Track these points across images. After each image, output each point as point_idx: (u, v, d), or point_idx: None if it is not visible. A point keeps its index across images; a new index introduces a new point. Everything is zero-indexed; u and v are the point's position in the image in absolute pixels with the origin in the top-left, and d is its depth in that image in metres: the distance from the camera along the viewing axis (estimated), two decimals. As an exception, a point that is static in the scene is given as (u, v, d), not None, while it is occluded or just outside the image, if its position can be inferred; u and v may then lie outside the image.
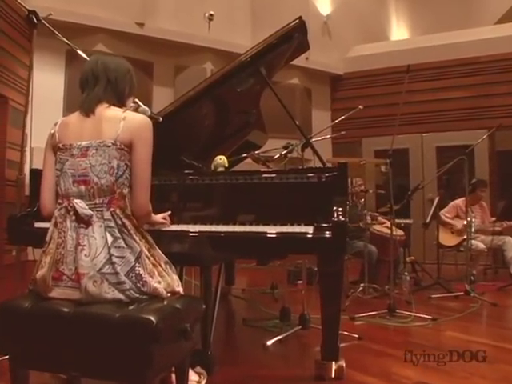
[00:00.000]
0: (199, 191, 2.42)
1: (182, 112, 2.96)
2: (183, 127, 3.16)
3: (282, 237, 2.07)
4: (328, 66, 8.83)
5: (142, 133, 1.87)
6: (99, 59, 1.97)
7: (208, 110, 3.39)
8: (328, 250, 2.04)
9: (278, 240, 2.08)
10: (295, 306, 3.82)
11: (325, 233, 2.02)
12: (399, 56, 8.18)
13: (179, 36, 7.36)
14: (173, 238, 2.24)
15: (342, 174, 2.20)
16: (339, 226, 2.01)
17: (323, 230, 2.03)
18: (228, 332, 3.87)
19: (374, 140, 8.30)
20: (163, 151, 2.89)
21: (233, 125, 3.72)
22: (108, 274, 1.74)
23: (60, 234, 1.81)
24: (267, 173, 2.34)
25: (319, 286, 2.42)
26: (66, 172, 1.85)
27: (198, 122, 3.41)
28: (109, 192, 1.82)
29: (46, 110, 3.96)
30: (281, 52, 3.10)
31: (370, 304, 4.55)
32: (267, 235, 2.10)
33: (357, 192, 4.80)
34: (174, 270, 2.08)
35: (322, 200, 2.16)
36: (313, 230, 2.04)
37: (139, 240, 1.84)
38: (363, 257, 4.79)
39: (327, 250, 2.04)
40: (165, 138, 2.83)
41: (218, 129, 3.60)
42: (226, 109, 3.59)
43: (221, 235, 2.18)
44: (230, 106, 3.54)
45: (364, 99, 8.17)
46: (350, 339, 3.33)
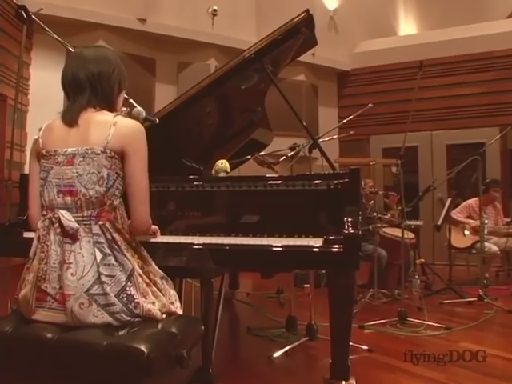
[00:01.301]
0: (198, 199, 2.24)
1: (183, 111, 2.79)
2: (184, 127, 2.99)
3: (288, 251, 1.89)
4: (335, 62, 8.62)
5: (136, 140, 1.70)
6: (80, 55, 1.78)
7: (211, 109, 3.21)
8: (338, 266, 1.86)
9: (285, 254, 1.90)
10: (302, 312, 3.65)
11: (335, 247, 1.83)
12: (408, 51, 7.98)
13: (182, 32, 7.15)
14: (174, 251, 2.06)
15: (353, 180, 2.01)
16: (351, 239, 1.83)
17: (333, 243, 1.85)
18: (231, 342, 3.70)
19: (382, 138, 8.13)
20: (163, 153, 2.74)
21: (237, 124, 3.55)
22: (97, 294, 1.57)
23: (43, 247, 1.64)
24: (272, 179, 2.16)
25: (328, 301, 2.23)
26: (51, 181, 1.67)
27: (200, 122, 3.23)
28: (98, 204, 1.65)
29: (46, 109, 3.81)
30: (287, 48, 2.92)
31: (380, 310, 4.38)
32: (273, 249, 1.92)
33: (366, 194, 4.61)
34: (172, 284, 1.92)
35: (332, 210, 1.98)
36: (322, 244, 1.86)
37: (131, 256, 1.67)
38: (372, 260, 4.61)
39: (337, 265, 1.85)
40: (165, 139, 2.66)
41: (221, 128, 3.43)
42: (229, 107, 3.41)
43: (225, 248, 2.00)
44: (234, 103, 3.36)
45: (372, 96, 8.04)
46: (359, 351, 3.17)
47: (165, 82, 7.34)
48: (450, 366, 2.93)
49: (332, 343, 2.30)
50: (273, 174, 3.19)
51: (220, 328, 2.62)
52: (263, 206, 2.13)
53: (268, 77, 2.78)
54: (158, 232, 2.09)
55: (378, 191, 4.61)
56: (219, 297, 2.63)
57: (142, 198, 1.71)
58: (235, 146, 3.51)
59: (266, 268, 2.26)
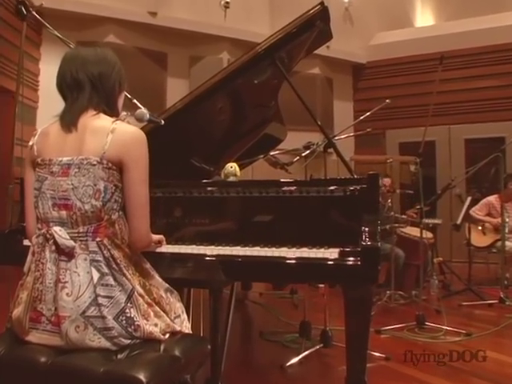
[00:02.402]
0: (206, 205, 2.12)
1: (194, 109, 2.66)
2: (194, 125, 2.85)
3: (302, 263, 1.76)
4: (350, 55, 8.43)
5: (135, 149, 1.56)
6: (77, 54, 1.65)
7: (223, 105, 3.08)
8: (355, 280, 1.72)
9: (298, 267, 1.76)
10: (316, 315, 3.52)
11: (352, 260, 1.70)
12: (426, 43, 7.77)
13: (194, 25, 7.02)
14: (180, 262, 1.94)
15: (372, 186, 1.87)
16: (369, 251, 1.69)
17: (350, 255, 1.71)
18: (243, 347, 3.58)
19: (399, 132, 7.97)
20: (170, 154, 2.63)
21: (250, 120, 3.40)
22: (93, 317, 1.45)
23: (38, 266, 1.52)
24: (285, 184, 2.03)
25: (345, 315, 2.09)
26: (45, 192, 1.55)
27: (211, 119, 3.09)
28: (94, 219, 1.52)
29: (56, 105, 3.71)
30: (301, 42, 2.78)
31: (397, 313, 4.25)
32: (287, 261, 1.78)
33: (383, 193, 4.46)
34: (178, 295, 1.81)
35: (349, 218, 1.84)
36: (337, 256, 1.72)
37: (132, 275, 1.55)
38: (389, 260, 4.47)
39: (354, 280, 1.71)
40: (173, 139, 2.53)
41: (233, 124, 3.28)
42: (242, 103, 3.26)
43: (236, 260, 1.86)
44: (247, 99, 3.21)
45: (388, 89, 7.89)
46: (376, 359, 3.03)
47: (176, 76, 7.22)
48: (470, 377, 2.79)
49: (347, 357, 2.16)
50: (286, 176, 3.05)
51: (231, 331, 2.51)
52: (275, 213, 2.00)
53: (281, 72, 2.64)
54: (164, 241, 1.98)
55: (395, 190, 4.45)
56: (229, 304, 2.51)
57: (141, 212, 1.59)
58: (248, 143, 3.38)
59: (278, 280, 2.13)
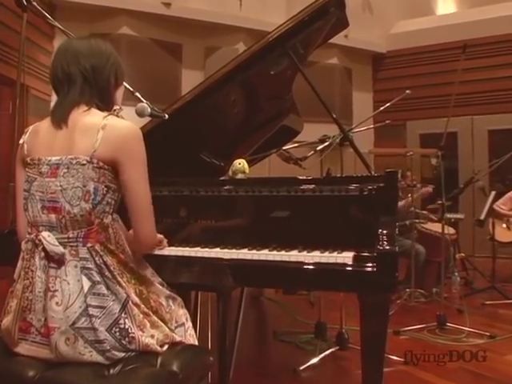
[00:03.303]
0: (212, 205, 2.00)
1: (203, 101, 2.53)
2: (205, 118, 2.72)
3: (312, 269, 1.62)
4: (369, 44, 8.20)
5: (129, 146, 1.45)
6: (70, 46, 1.54)
7: (236, 97, 2.95)
8: (370, 288, 1.58)
9: (308, 272, 1.63)
10: (332, 314, 3.39)
11: (366, 265, 1.56)
12: (448, 31, 7.53)
13: (209, 15, 6.87)
14: (185, 265, 1.82)
15: (390, 185, 1.73)
16: (386, 256, 1.55)
17: (365, 260, 1.58)
18: (255, 348, 3.47)
19: (420, 123, 7.77)
20: (178, 149, 2.51)
21: (265, 112, 3.26)
22: (84, 329, 1.34)
23: (27, 273, 1.42)
24: (295, 182, 1.90)
25: (360, 318, 1.96)
26: (34, 194, 1.45)
27: (223, 111, 2.96)
28: (84, 223, 1.41)
29: None
30: (315, 29, 2.62)
31: (417, 312, 4.10)
32: (296, 266, 1.65)
33: (403, 187, 4.29)
34: (181, 301, 1.70)
35: (364, 220, 1.71)
36: (351, 261, 1.59)
37: (126, 282, 1.44)
38: (409, 256, 4.31)
39: (369, 288, 1.57)
40: (181, 132, 2.42)
41: (247, 118, 3.15)
42: (255, 95, 3.12)
43: (246, 264, 1.73)
44: (261, 90, 3.07)
45: (408, 79, 7.68)
46: (394, 363, 2.89)
47: (191, 67, 7.10)
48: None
49: (363, 361, 2.03)
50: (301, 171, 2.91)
51: (244, 330, 2.41)
52: (284, 213, 1.87)
53: (294, 62, 2.50)
54: (165, 242, 1.86)
55: (416, 184, 4.29)
56: (239, 308, 2.39)
57: (144, 212, 1.48)
58: (264, 136, 3.24)
59: (285, 286, 2.01)
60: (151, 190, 2.14)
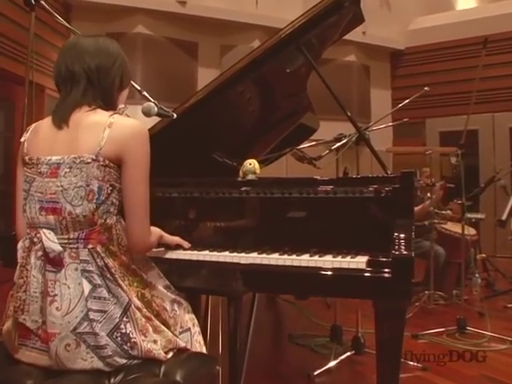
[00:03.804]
0: (219, 207, 1.94)
1: (215, 99, 2.48)
2: (217, 117, 2.67)
3: (324, 274, 1.55)
4: (387, 41, 8.08)
5: (135, 144, 1.41)
6: (76, 44, 1.49)
7: (251, 95, 2.88)
8: (384, 296, 1.51)
9: (320, 278, 1.56)
10: (348, 316, 3.30)
11: (380, 271, 1.49)
12: (468, 27, 7.36)
13: (224, 13, 6.83)
14: (194, 269, 1.76)
15: (406, 186, 1.65)
16: (402, 262, 1.47)
17: (379, 265, 1.50)
18: (269, 351, 3.40)
19: (440, 121, 7.61)
20: (190, 148, 2.46)
21: (281, 111, 3.19)
22: (86, 333, 1.30)
23: (22, 272, 1.38)
24: (307, 184, 1.83)
25: (375, 322, 1.89)
26: (33, 195, 1.41)
27: (237, 109, 2.90)
28: (87, 224, 1.37)
29: None
30: (330, 25, 2.54)
31: (436, 315, 3.99)
32: (307, 271, 1.58)
33: (422, 185, 4.18)
34: (188, 306, 1.65)
35: (379, 223, 1.63)
36: (365, 267, 1.52)
37: (128, 286, 1.39)
38: (428, 258, 4.20)
39: (383, 295, 1.50)
40: (192, 132, 2.36)
41: (263, 116, 3.08)
42: (270, 92, 3.05)
43: (252, 269, 1.67)
44: (276, 88, 3.00)
45: (428, 76, 7.53)
46: (411, 369, 2.80)
47: (207, 66, 7.05)
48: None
49: (378, 366, 1.95)
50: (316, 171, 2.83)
51: (259, 333, 2.34)
52: (294, 215, 1.80)
53: (307, 58, 2.43)
54: (185, 244, 1.83)
55: (435, 183, 4.17)
56: (251, 312, 2.33)
57: (140, 214, 1.43)
58: (280, 135, 3.18)
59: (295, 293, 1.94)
60: (160, 190, 2.12)
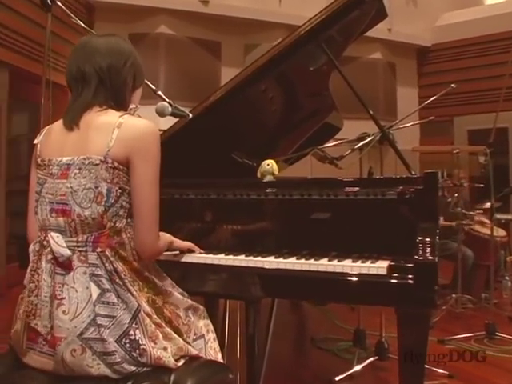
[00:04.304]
0: (236, 208, 1.89)
1: (235, 97, 2.42)
2: (239, 116, 2.61)
3: (343, 280, 1.48)
4: (414, 38, 7.91)
5: (144, 145, 1.36)
6: (87, 44, 1.46)
7: (273, 94, 2.82)
8: (405, 304, 1.43)
9: (338, 284, 1.50)
10: (372, 319, 3.20)
11: (402, 277, 1.41)
12: (497, 22, 7.14)
13: (247, 12, 6.76)
14: (211, 274, 1.71)
15: (429, 187, 1.57)
16: (424, 267, 1.40)
17: (400, 271, 1.43)
18: (291, 355, 3.33)
19: (468, 119, 7.40)
20: (208, 148, 2.41)
21: (304, 110, 3.12)
22: (92, 339, 1.26)
23: (33, 276, 1.36)
24: (328, 184, 1.76)
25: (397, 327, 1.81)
26: (44, 197, 1.39)
27: (258, 108, 2.84)
28: (96, 227, 1.34)
29: None
30: (351, 21, 2.47)
31: (464, 319, 3.87)
32: (325, 276, 1.51)
33: (449, 186, 4.05)
34: (203, 312, 1.60)
35: (401, 226, 1.56)
36: (385, 272, 1.44)
37: (138, 291, 1.35)
38: (456, 260, 4.08)
39: (404, 303, 1.43)
40: (211, 131, 2.31)
41: (286, 115, 3.01)
42: (292, 91, 2.99)
43: (269, 273, 1.61)
44: (298, 87, 2.93)
45: (455, 73, 7.35)
46: (437, 376, 2.70)
47: (231, 65, 6.99)
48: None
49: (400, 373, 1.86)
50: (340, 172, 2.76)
51: (281, 336, 2.29)
52: (313, 217, 1.74)
53: (328, 55, 2.36)
54: (196, 248, 1.79)
55: (462, 183, 4.05)
56: (270, 315, 2.27)
57: (149, 218, 1.38)
58: (304, 135, 3.11)
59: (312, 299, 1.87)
60: (177, 192, 2.07)
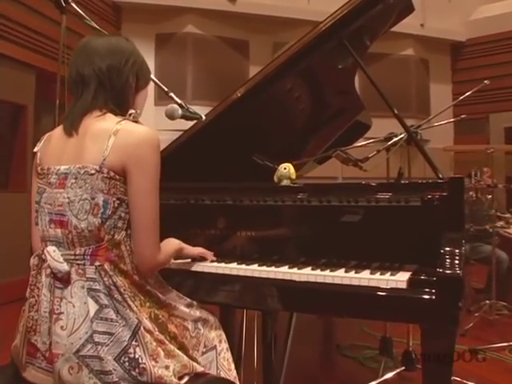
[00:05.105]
0: (249, 215, 1.80)
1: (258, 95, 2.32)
2: (263, 115, 2.52)
3: (359, 293, 1.38)
4: (447, 33, 7.67)
5: (141, 153, 1.28)
6: (86, 46, 1.39)
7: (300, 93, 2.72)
8: (426, 320, 1.31)
9: (355, 297, 1.40)
10: (400, 326, 3.09)
11: (423, 292, 1.30)
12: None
13: (276, 10, 6.68)
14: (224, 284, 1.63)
15: (455, 195, 1.45)
16: (448, 282, 1.28)
17: (421, 285, 1.32)
18: (315, 363, 3.23)
19: (505, 116, 7.15)
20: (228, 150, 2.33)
21: (332, 109, 3.01)
22: (89, 357, 1.20)
23: (33, 291, 1.31)
24: (346, 189, 1.66)
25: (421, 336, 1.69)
26: (43, 207, 1.33)
27: (286, 108, 2.74)
28: (93, 239, 1.27)
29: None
30: (376, 16, 2.36)
31: (499, 327, 3.70)
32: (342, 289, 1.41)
33: (482, 186, 3.88)
34: (215, 322, 1.54)
35: (423, 236, 1.44)
36: (406, 286, 1.34)
37: (139, 306, 1.28)
38: (490, 263, 3.90)
39: (425, 319, 1.31)
40: (233, 131, 2.24)
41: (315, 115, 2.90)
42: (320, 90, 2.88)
43: (292, 285, 1.50)
44: (325, 85, 2.82)
45: (491, 68, 7.11)
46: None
47: (259, 64, 6.83)
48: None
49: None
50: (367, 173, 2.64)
51: (307, 343, 2.19)
52: (327, 224, 1.65)
53: (350, 54, 2.25)
54: (208, 254, 1.72)
55: (497, 184, 3.87)
56: (290, 322, 2.18)
57: (147, 230, 1.31)
58: (334, 135, 3.00)
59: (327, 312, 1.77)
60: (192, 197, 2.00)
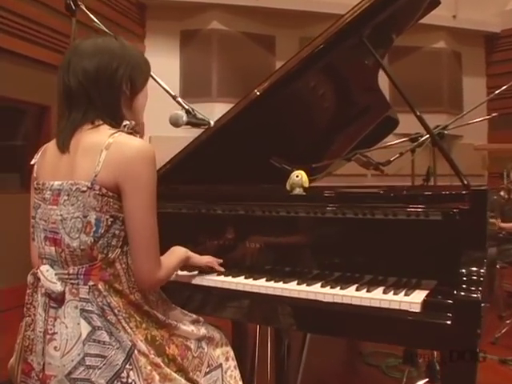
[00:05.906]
0: (261, 225, 1.72)
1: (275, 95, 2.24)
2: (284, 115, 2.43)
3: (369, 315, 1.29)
4: (481, 24, 7.37)
5: (135, 168, 1.21)
6: (74, 55, 1.31)
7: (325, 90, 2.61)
8: (442, 346, 1.21)
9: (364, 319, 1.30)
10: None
11: (439, 315, 1.20)
12: None
13: (302, 4, 6.53)
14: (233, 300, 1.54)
15: (477, 208, 1.33)
16: (466, 306, 1.17)
17: (437, 308, 1.22)
18: (337, 371, 3.13)
19: (542, 111, 6.84)
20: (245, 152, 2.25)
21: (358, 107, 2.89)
22: (81, 380, 1.16)
23: (29, 309, 1.27)
24: (360, 198, 1.56)
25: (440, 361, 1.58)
26: (38, 223, 1.29)
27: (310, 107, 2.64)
28: (86, 258, 1.22)
29: (161, 97, 3.53)
30: (399, 10, 2.23)
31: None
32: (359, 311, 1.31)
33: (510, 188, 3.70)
34: (222, 339, 1.48)
35: (441, 253, 1.33)
36: (420, 309, 1.23)
37: (134, 328, 1.22)
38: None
39: (441, 344, 1.20)
40: (246, 134, 2.16)
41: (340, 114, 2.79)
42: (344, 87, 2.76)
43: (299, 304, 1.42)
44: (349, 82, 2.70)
45: (528, 61, 6.83)
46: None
47: (286, 59, 6.80)
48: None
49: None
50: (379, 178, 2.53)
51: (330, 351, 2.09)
52: (337, 238, 1.56)
53: (370, 52, 2.14)
54: (215, 262, 1.65)
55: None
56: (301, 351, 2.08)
57: (144, 246, 1.24)
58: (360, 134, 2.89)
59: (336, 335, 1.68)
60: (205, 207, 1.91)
